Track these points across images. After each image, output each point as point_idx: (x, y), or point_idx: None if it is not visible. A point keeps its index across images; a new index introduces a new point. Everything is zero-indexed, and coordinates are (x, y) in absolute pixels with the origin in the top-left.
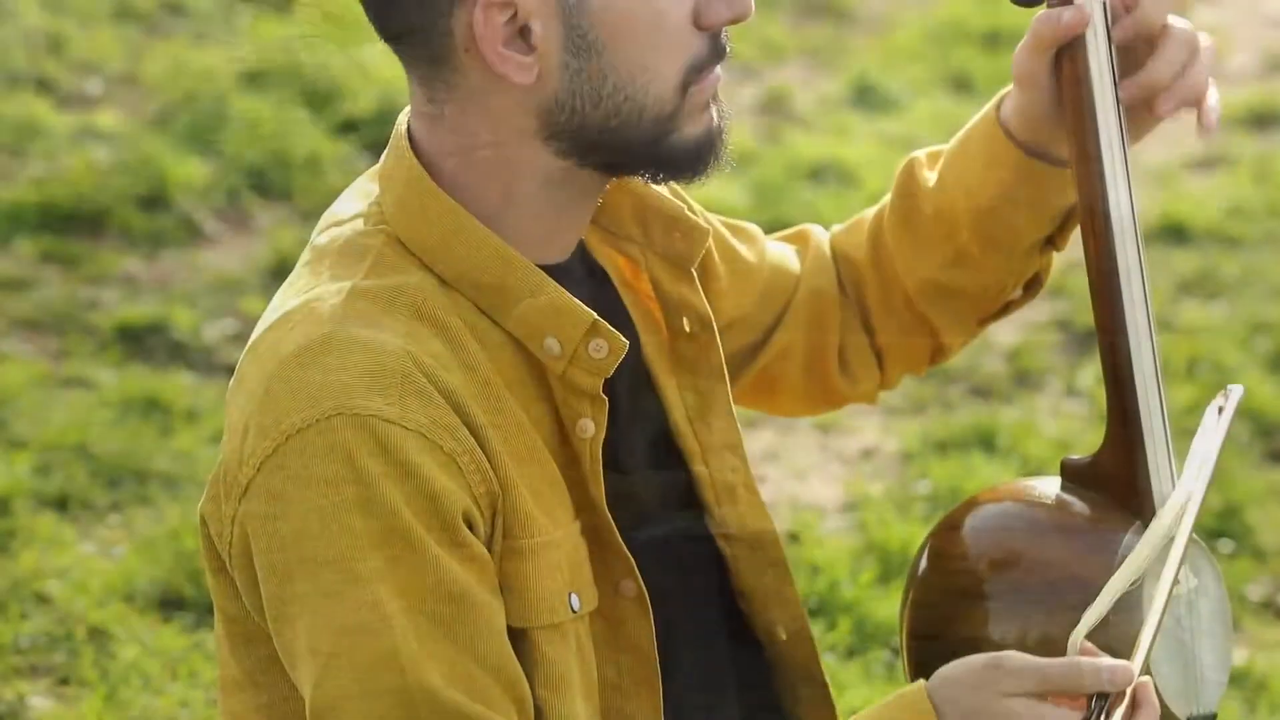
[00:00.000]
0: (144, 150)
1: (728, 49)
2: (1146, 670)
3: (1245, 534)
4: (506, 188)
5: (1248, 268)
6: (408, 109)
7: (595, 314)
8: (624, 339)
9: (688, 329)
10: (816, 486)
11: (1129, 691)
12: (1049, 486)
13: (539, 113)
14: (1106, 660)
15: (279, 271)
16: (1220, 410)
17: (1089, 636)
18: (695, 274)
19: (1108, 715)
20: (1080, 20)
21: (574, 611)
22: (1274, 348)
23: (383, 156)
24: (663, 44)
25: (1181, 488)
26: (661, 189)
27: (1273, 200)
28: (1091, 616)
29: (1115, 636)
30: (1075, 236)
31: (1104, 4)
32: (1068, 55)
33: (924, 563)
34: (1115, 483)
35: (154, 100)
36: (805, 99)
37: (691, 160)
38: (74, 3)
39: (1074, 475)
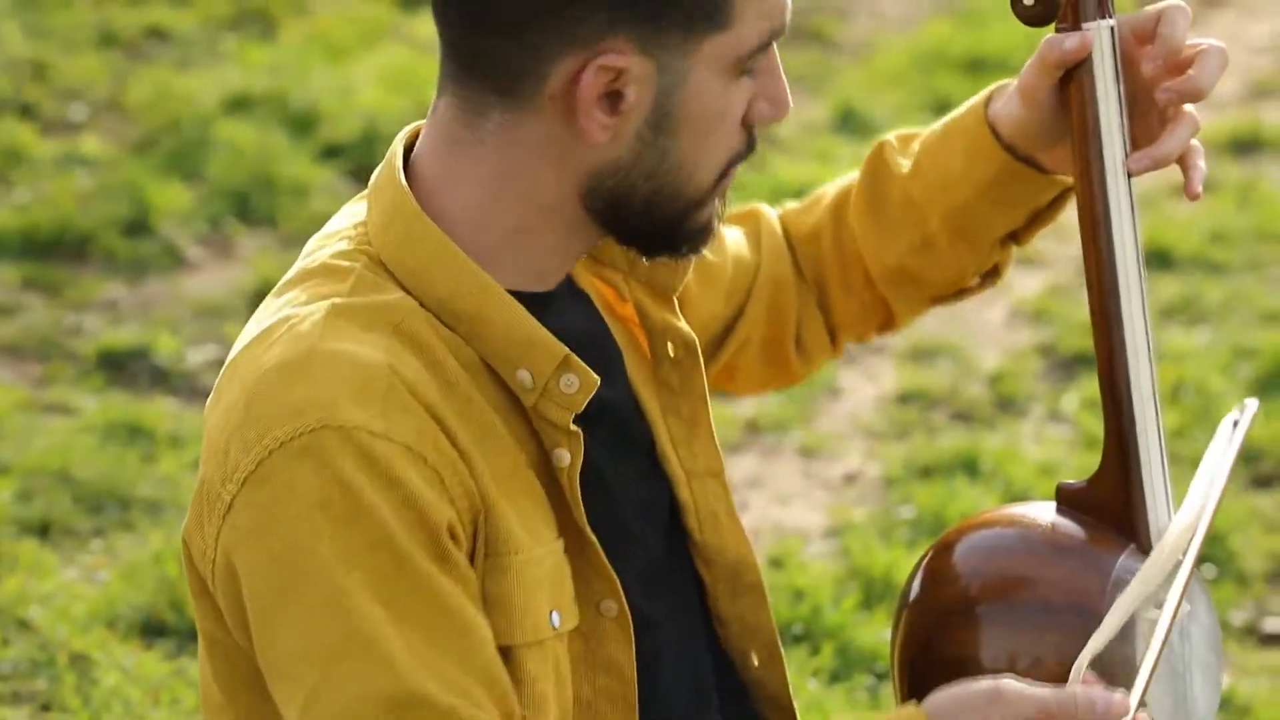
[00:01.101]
0: (127, 176)
1: (757, 144)
2: (1144, 704)
3: (1228, 559)
4: (525, 225)
5: (1231, 293)
6: (408, 128)
7: (568, 349)
8: (595, 375)
9: (672, 354)
10: (800, 512)
11: None
12: (1043, 510)
13: (592, 170)
14: (1102, 692)
15: (262, 297)
16: (1235, 424)
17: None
18: (676, 301)
19: None
20: (1083, 47)
21: (554, 629)
22: (1258, 373)
23: (376, 171)
24: (720, 137)
25: (1188, 508)
26: None
27: (1256, 226)
28: (1095, 644)
29: (1111, 660)
30: (1053, 261)
31: (1111, 29)
32: (1075, 79)
33: (916, 586)
34: (1110, 506)
35: (137, 126)
36: (788, 124)
37: (691, 240)
38: (57, 29)
39: (1069, 499)
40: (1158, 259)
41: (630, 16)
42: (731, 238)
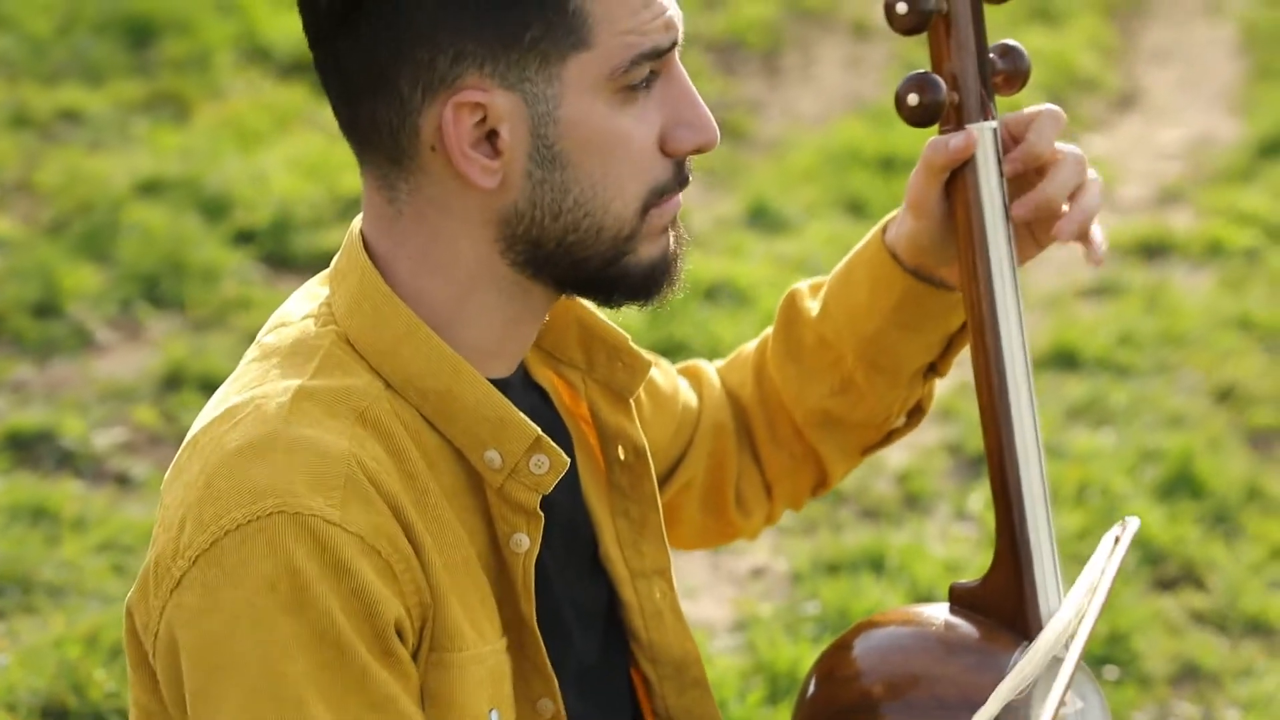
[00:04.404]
0: (37, 257)
1: (689, 177)
2: None
3: (1131, 661)
4: (461, 295)
5: (1137, 396)
6: (360, 215)
7: (539, 429)
8: (565, 456)
9: (623, 457)
10: (707, 606)
11: None
12: (938, 611)
13: (498, 220)
14: None
15: (171, 381)
16: (1116, 540)
17: None
18: (632, 405)
19: None
20: (968, 145)
21: None
22: (1162, 476)
23: (335, 257)
24: (626, 165)
25: (1069, 605)
26: (606, 318)
27: (1162, 329)
28: None
29: None
30: (960, 361)
31: (994, 130)
32: (959, 180)
33: (813, 684)
34: (1003, 604)
35: (48, 208)
36: (701, 219)
37: (644, 284)
38: None
39: (962, 599)
40: (1064, 360)
41: (477, 49)
42: (682, 382)
